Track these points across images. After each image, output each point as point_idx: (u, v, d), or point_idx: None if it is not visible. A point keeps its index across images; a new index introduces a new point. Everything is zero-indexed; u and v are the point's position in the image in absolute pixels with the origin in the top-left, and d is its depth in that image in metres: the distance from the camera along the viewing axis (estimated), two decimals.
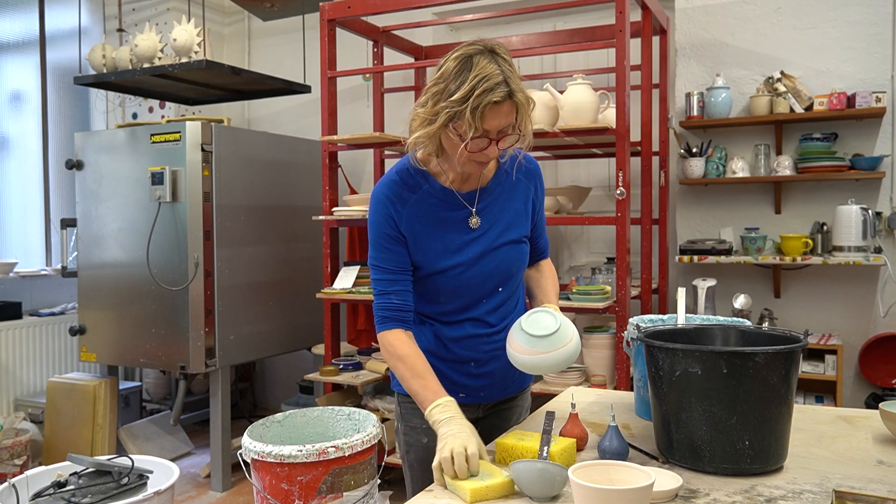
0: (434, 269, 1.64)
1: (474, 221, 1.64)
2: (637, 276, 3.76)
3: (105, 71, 3.97)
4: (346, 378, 3.48)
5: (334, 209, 3.52)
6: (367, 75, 4.55)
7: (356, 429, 1.73)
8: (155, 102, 4.99)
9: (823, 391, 3.54)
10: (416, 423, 1.74)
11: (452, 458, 1.35)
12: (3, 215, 4.59)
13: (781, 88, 3.58)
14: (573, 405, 1.55)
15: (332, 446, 1.50)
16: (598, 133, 3.09)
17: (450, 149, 1.53)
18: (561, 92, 3.11)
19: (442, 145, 1.54)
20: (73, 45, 4.62)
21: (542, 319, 1.51)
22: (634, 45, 3.46)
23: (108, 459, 2.53)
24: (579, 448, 1.50)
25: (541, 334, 1.48)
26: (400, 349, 1.59)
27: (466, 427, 1.44)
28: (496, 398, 1.78)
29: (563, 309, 3.01)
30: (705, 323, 1.71)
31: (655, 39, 3.73)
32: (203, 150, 3.65)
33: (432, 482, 1.41)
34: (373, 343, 4.07)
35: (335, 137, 3.52)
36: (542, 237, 1.84)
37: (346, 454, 1.52)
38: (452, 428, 1.43)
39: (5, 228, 4.60)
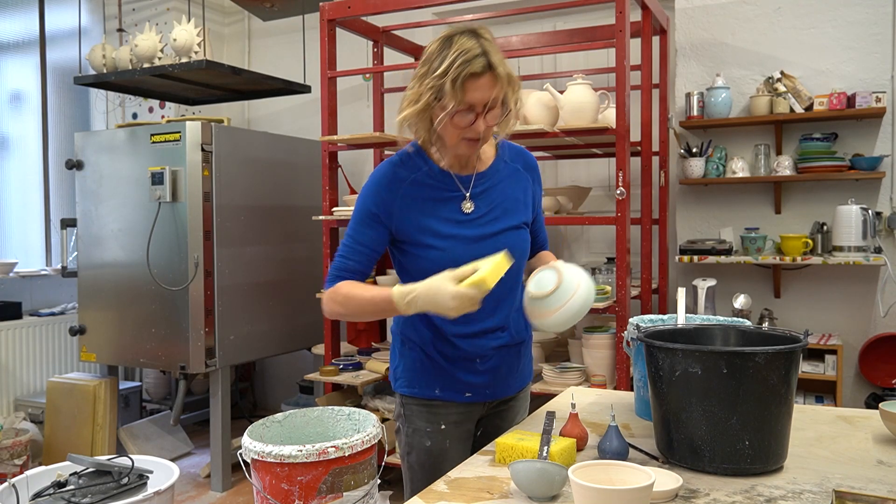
0: (428, 247, 1.63)
1: (468, 206, 1.66)
2: (637, 276, 3.76)
3: (105, 71, 3.97)
4: (346, 378, 3.48)
5: (334, 209, 3.52)
6: (367, 75, 4.55)
7: (356, 429, 1.73)
8: (155, 102, 4.98)
9: (823, 391, 3.54)
10: (420, 426, 1.72)
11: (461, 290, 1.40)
12: (3, 215, 4.59)
13: (781, 88, 3.58)
14: (573, 405, 1.55)
15: (332, 446, 1.50)
16: (598, 133, 3.09)
17: (440, 129, 1.56)
18: (561, 92, 3.11)
19: (434, 129, 1.58)
20: (73, 45, 4.62)
21: (544, 278, 1.52)
22: (634, 45, 3.46)
23: (108, 459, 2.53)
24: (579, 448, 1.49)
25: (544, 294, 1.49)
26: (343, 288, 1.60)
27: (432, 279, 1.46)
28: (500, 395, 1.78)
29: None
30: (705, 323, 1.71)
31: (655, 39, 3.73)
32: (203, 150, 3.65)
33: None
34: (373, 343, 4.07)
35: (335, 137, 3.51)
36: (542, 232, 1.86)
37: (346, 454, 1.52)
38: (420, 288, 1.45)
39: (5, 228, 4.60)
